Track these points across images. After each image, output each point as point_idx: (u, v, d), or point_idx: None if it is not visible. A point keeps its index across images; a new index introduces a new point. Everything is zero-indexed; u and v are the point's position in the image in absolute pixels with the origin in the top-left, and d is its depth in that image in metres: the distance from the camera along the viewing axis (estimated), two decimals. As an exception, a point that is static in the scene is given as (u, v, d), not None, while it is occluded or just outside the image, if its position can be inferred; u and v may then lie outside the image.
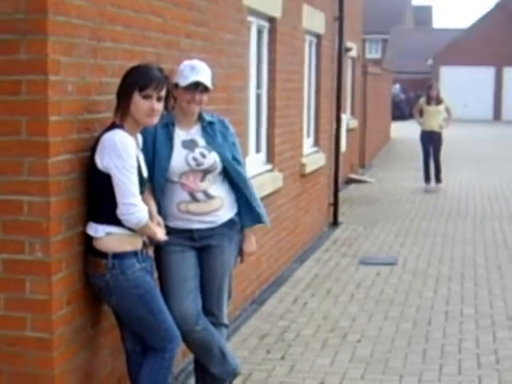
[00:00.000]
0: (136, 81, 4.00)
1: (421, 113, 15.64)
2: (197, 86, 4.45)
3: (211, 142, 4.60)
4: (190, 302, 4.58)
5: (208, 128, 4.63)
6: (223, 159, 4.60)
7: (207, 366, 4.82)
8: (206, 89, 4.49)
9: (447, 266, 8.96)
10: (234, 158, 4.69)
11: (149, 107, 4.01)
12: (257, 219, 4.81)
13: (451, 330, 6.58)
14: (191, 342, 4.70)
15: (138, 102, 4.00)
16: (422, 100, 15.61)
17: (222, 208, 4.64)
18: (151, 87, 4.00)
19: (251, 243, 4.88)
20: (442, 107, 15.35)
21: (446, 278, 8.39)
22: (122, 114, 4.02)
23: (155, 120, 4.10)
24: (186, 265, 4.62)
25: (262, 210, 4.83)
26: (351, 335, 6.46)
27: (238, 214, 4.75)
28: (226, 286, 4.81)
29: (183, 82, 4.44)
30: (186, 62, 4.55)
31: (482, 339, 6.35)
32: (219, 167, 4.60)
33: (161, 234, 4.25)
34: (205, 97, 4.52)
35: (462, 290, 7.92)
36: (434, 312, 7.11)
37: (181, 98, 4.49)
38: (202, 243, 4.66)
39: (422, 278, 8.38)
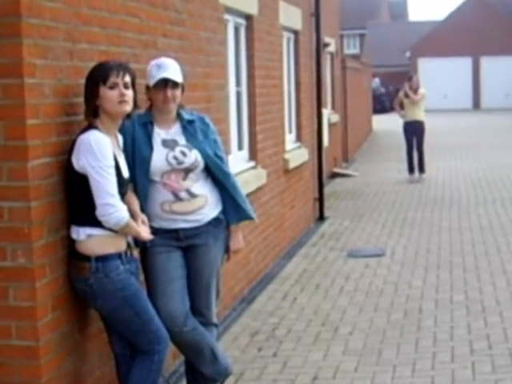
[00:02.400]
0: (96, 76, 3.97)
1: (401, 105, 15.70)
2: (166, 83, 4.41)
3: (192, 140, 4.55)
4: (178, 302, 4.53)
5: (188, 126, 4.59)
6: (204, 155, 4.56)
7: (198, 366, 4.77)
8: (176, 84, 4.45)
9: (435, 254, 8.95)
10: (216, 155, 4.65)
11: (118, 94, 3.98)
12: (243, 215, 4.77)
13: (442, 318, 6.57)
14: (181, 343, 4.65)
15: (106, 94, 3.96)
16: (402, 93, 15.67)
17: (206, 206, 4.60)
18: (113, 75, 3.97)
19: (238, 240, 4.83)
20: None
21: (435, 266, 8.38)
22: (93, 114, 3.98)
23: (128, 107, 4.04)
24: (172, 265, 4.57)
25: (247, 205, 4.78)
26: (343, 328, 6.43)
27: (224, 211, 4.71)
28: (214, 285, 4.76)
29: (152, 82, 4.43)
30: (153, 62, 4.53)
31: (474, 325, 6.34)
32: (201, 165, 4.56)
33: (145, 233, 4.21)
34: (177, 92, 4.47)
35: (451, 277, 7.91)
36: (424, 301, 7.10)
37: (155, 98, 4.47)
38: (187, 243, 4.62)
39: (410, 267, 8.36)
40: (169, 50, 5.52)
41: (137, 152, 4.41)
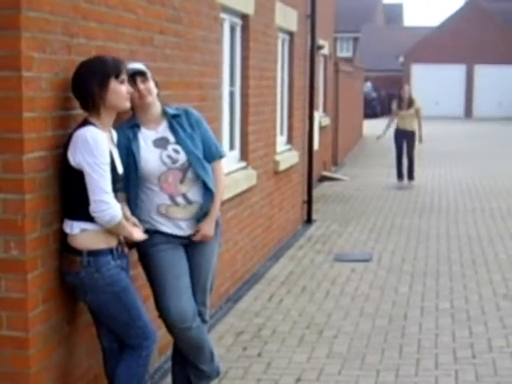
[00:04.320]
0: (109, 70, 3.98)
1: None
2: (134, 78, 4.37)
3: (177, 136, 4.53)
4: (188, 299, 4.56)
5: (174, 122, 4.56)
6: (186, 150, 4.51)
7: (199, 364, 4.80)
8: (144, 75, 4.41)
9: (422, 261, 8.99)
10: (210, 146, 4.64)
11: (127, 90, 4.06)
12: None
13: (427, 325, 6.60)
14: (187, 340, 4.66)
15: (117, 89, 3.99)
16: (394, 105, 15.73)
17: (200, 214, 4.59)
18: (123, 71, 4.04)
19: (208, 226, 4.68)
20: (412, 110, 15.39)
21: (421, 273, 8.42)
22: (97, 109, 3.98)
23: (129, 104, 4.13)
24: (178, 261, 4.59)
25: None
26: (327, 331, 6.46)
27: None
28: (210, 281, 4.80)
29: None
30: None
31: (458, 334, 6.37)
32: None
33: (137, 234, 4.23)
34: (149, 84, 4.44)
35: (437, 285, 7.95)
36: (409, 307, 7.13)
37: (132, 99, 4.37)
38: (189, 240, 4.64)
39: (396, 273, 8.40)
40: (165, 47, 5.53)
41: (132, 156, 4.42)
